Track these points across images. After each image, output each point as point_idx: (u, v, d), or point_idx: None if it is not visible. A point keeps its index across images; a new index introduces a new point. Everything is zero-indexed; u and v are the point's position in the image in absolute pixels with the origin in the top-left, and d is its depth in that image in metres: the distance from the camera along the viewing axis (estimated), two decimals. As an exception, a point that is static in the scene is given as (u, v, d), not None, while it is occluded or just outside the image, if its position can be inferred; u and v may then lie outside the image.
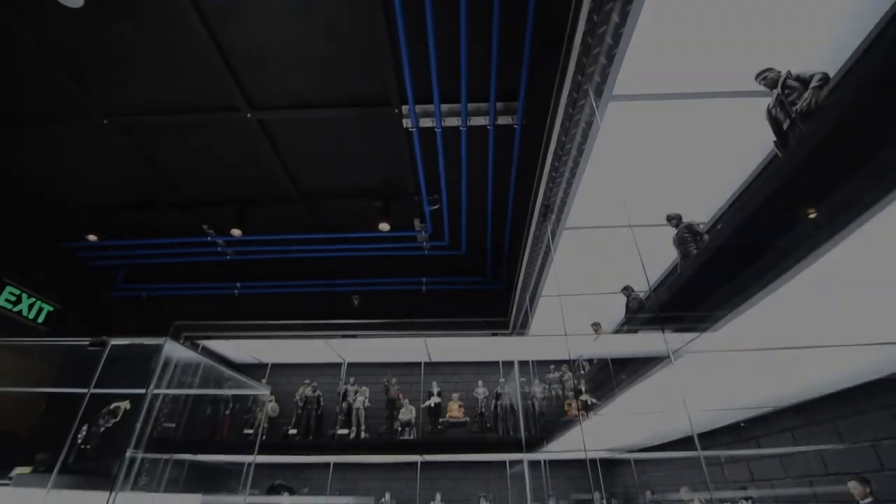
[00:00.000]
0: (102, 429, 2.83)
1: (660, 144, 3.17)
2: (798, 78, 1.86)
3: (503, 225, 6.39)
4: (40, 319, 6.78)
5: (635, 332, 2.32)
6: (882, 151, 1.11)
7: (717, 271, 1.62)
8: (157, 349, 2.46)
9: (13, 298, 6.47)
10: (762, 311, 1.61)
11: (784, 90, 1.87)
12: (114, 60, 4.36)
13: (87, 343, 2.46)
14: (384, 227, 5.87)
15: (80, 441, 2.87)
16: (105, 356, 2.53)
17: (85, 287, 7.54)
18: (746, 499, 3.47)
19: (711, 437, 4.35)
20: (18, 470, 2.57)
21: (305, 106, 4.77)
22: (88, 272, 7.60)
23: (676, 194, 3.53)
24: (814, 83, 1.72)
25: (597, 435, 4.81)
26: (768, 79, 2.04)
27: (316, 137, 5.20)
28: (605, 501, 6.37)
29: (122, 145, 5.29)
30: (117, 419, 2.82)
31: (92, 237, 6.55)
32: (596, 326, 5.20)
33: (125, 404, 2.87)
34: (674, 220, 3.12)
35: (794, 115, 1.76)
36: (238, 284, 7.72)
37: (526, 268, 5.11)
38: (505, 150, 5.14)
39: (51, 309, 7.00)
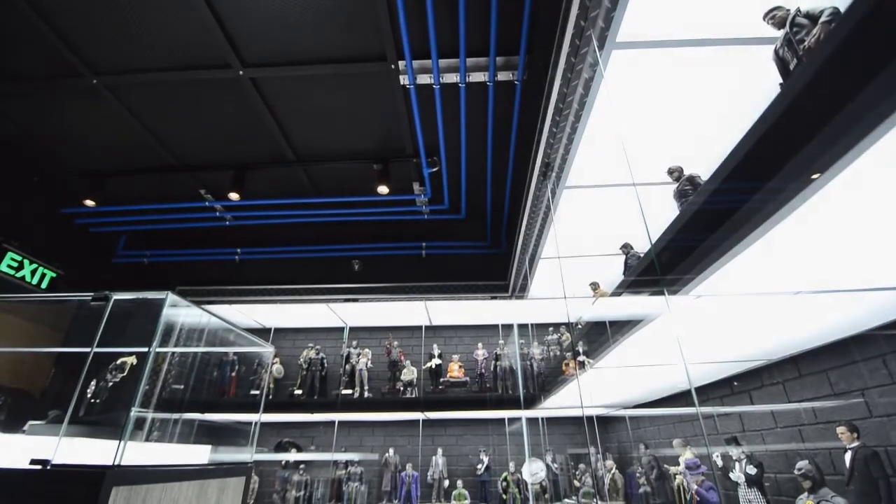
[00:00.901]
0: (111, 384, 2.90)
1: (663, 96, 3.09)
2: (807, 15, 1.78)
3: (503, 187, 6.34)
4: (43, 285, 6.85)
5: (633, 287, 2.34)
6: (881, 80, 1.07)
7: (712, 216, 1.61)
8: (160, 304, 2.49)
9: (15, 265, 6.51)
10: (757, 256, 1.61)
11: (792, 28, 1.80)
12: (101, 16, 4.20)
13: (90, 298, 2.49)
14: (383, 190, 5.82)
15: (89, 395, 2.95)
16: (108, 311, 2.57)
17: (86, 253, 7.57)
18: (741, 457, 3.56)
19: (704, 392, 4.47)
20: (32, 423, 2.65)
21: (299, 63, 4.63)
22: (89, 239, 7.61)
23: (680, 149, 3.47)
24: (823, 18, 1.65)
25: (593, 392, 4.94)
26: (777, 18, 1.95)
27: (311, 97, 5.07)
28: (599, 455, 6.62)
29: (114, 107, 5.17)
30: (124, 374, 2.89)
31: (90, 202, 6.52)
32: (594, 286, 5.25)
33: (132, 359, 2.93)
34: (675, 172, 3.07)
35: (801, 54, 1.70)
36: (238, 250, 7.74)
37: (525, 229, 5.10)
38: (505, 108, 5.02)
39: (53, 275, 7.05)
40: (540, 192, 4.41)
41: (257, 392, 7.19)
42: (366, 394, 7.06)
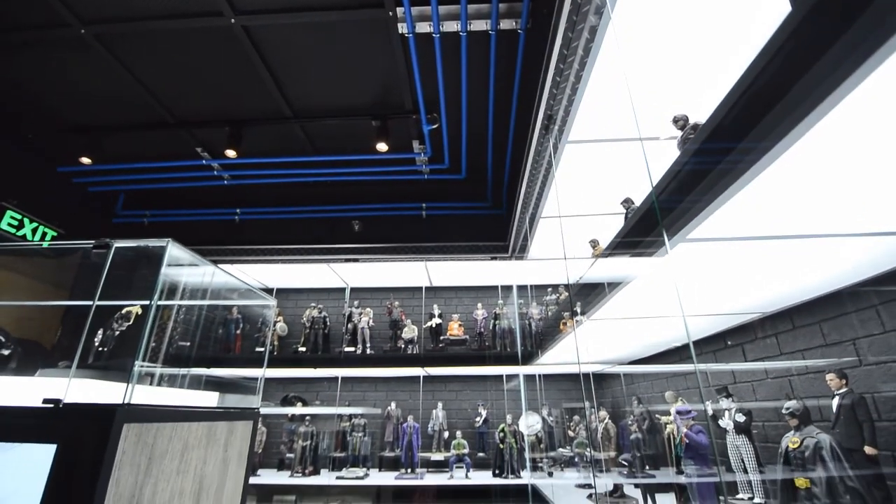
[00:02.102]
0: (117, 332, 2.97)
1: (673, 42, 2.97)
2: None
3: (504, 145, 6.22)
4: (44, 244, 6.88)
5: (632, 233, 2.33)
6: None
7: (710, 155, 1.58)
8: (161, 252, 2.50)
9: (15, 223, 6.51)
10: (756, 195, 1.59)
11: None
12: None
13: (91, 245, 2.50)
14: (382, 147, 5.71)
15: (96, 344, 3.02)
16: (109, 260, 2.58)
17: (86, 213, 7.55)
18: (731, 406, 3.67)
19: (697, 346, 4.55)
20: (43, 370, 2.74)
21: (293, 9, 4.42)
22: (88, 198, 7.56)
23: (688, 98, 3.36)
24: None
25: (589, 347, 5.05)
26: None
27: (306, 46, 4.89)
28: (594, 409, 6.85)
29: (104, 59, 5.00)
30: (130, 322, 2.95)
31: (85, 160, 6.44)
32: (594, 243, 5.25)
33: (137, 308, 2.99)
34: (680, 121, 3.00)
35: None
36: (238, 210, 7.71)
37: (526, 186, 5.05)
38: (507, 60, 4.85)
39: (54, 234, 7.06)
40: (541, 148, 4.33)
41: (262, 349, 7.38)
42: (368, 351, 7.24)
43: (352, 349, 7.29)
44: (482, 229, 7.61)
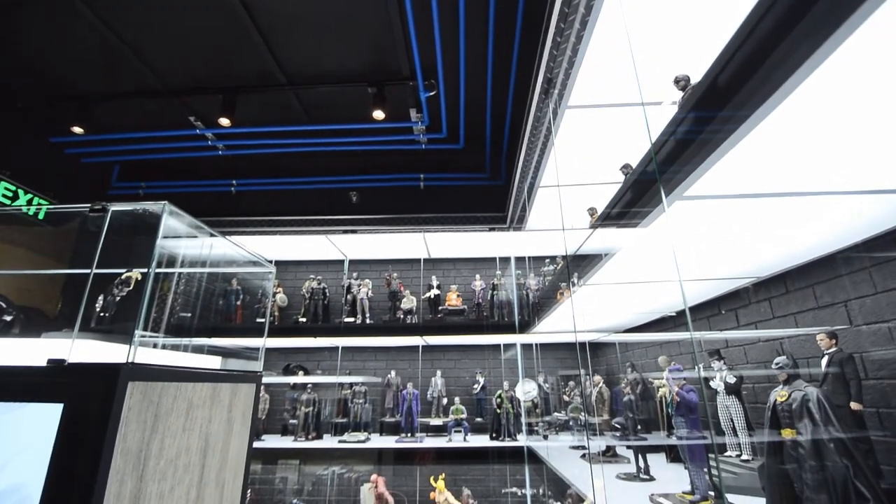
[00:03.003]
0: (118, 298, 2.99)
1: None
2: None
3: (503, 114, 6.12)
4: (40, 216, 6.84)
5: (633, 189, 2.32)
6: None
7: (708, 109, 1.56)
8: (158, 216, 2.49)
9: (10, 194, 6.45)
10: (751, 152, 1.58)
11: None
12: None
13: (88, 208, 2.48)
14: (378, 115, 5.61)
15: (98, 310, 3.05)
16: (107, 224, 2.58)
17: (80, 184, 7.47)
18: (722, 368, 3.74)
19: (692, 313, 4.62)
20: (47, 334, 2.77)
21: (284, -33, 4.26)
22: (82, 170, 7.47)
23: (694, 60, 3.28)
24: None
25: (585, 313, 5.12)
26: None
27: (299, 6, 4.72)
28: (589, 376, 7.01)
29: (91, 21, 4.82)
30: (130, 288, 2.97)
31: (77, 129, 6.32)
32: (592, 211, 5.25)
33: (136, 274, 3.00)
34: (681, 81, 2.95)
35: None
36: (234, 182, 7.64)
37: (525, 154, 4.99)
38: (507, 19, 4.70)
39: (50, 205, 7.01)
40: (541, 114, 4.26)
41: (263, 320, 7.46)
42: (367, 321, 7.33)
43: (351, 320, 7.38)
44: (480, 200, 7.58)
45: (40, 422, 2.06)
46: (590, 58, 3.42)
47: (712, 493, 2.89)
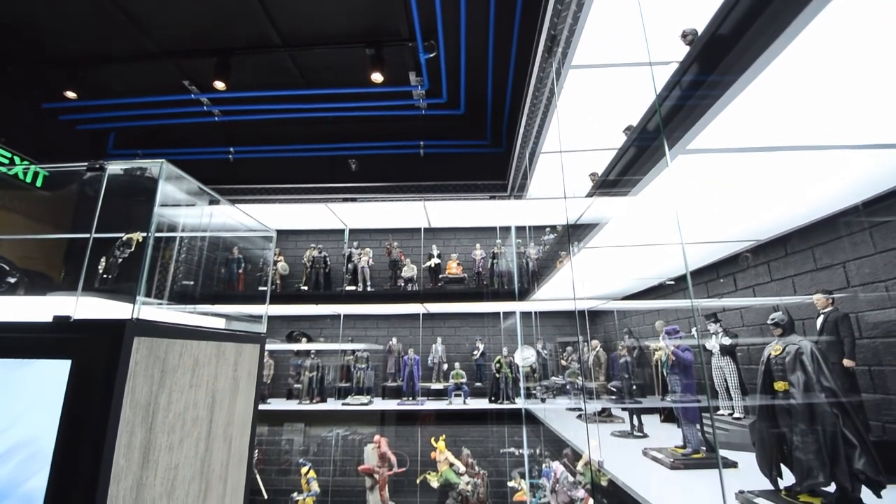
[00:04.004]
0: (120, 259, 3.01)
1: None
2: None
3: (505, 76, 5.96)
4: (38, 183, 6.79)
5: (637, 142, 2.29)
6: None
7: (712, 57, 1.51)
8: (156, 176, 2.47)
9: (6, 161, 6.39)
10: (755, 102, 1.54)
11: None
12: None
13: (85, 167, 2.46)
14: (377, 77, 5.47)
15: (101, 271, 3.07)
16: (105, 184, 2.56)
17: (76, 152, 7.38)
18: (718, 330, 3.79)
19: (691, 278, 4.64)
20: (52, 293, 2.80)
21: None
22: (77, 137, 7.36)
23: (706, 14, 3.17)
24: None
25: (584, 281, 5.16)
26: None
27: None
28: (587, 343, 7.13)
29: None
30: (132, 249, 2.99)
31: (70, 94, 6.19)
32: (594, 176, 5.20)
33: (137, 235, 3.01)
34: (689, 35, 2.85)
35: None
36: (231, 149, 7.54)
37: (527, 117, 4.90)
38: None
39: (46, 174, 6.95)
40: (543, 74, 4.15)
41: (265, 288, 7.53)
42: (368, 289, 7.40)
43: (353, 288, 7.45)
44: (481, 168, 7.50)
45: (50, 377, 2.10)
46: (595, 12, 3.30)
47: (704, 448, 2.99)
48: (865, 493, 1.79)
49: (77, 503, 1.93)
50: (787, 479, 2.07)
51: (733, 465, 2.72)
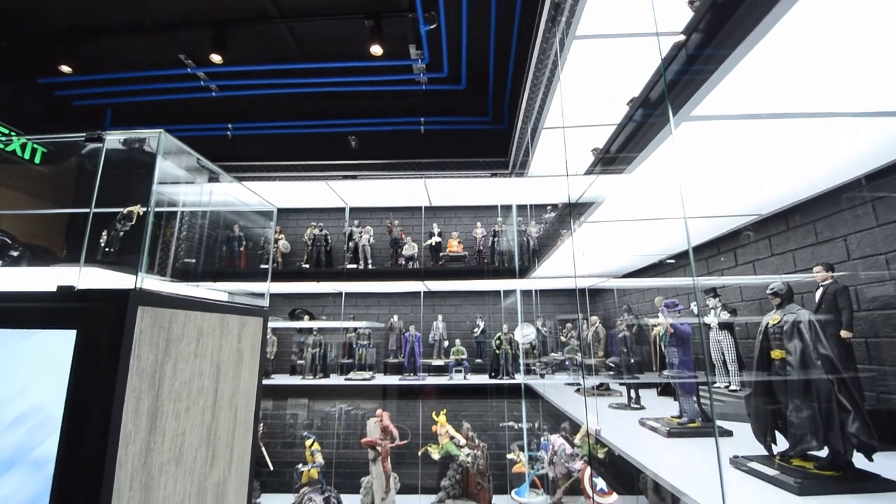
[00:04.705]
0: (121, 233, 3.02)
1: None
2: None
3: (507, 49, 5.84)
4: (37, 160, 6.74)
5: (641, 107, 2.25)
6: None
7: (720, 16, 1.47)
8: (155, 145, 2.45)
9: (3, 137, 6.34)
10: (762, 65, 1.51)
11: None
12: None
13: (83, 137, 2.44)
14: (376, 50, 5.36)
15: (102, 245, 3.08)
16: (103, 155, 2.55)
17: (73, 129, 7.29)
18: (717, 305, 3.81)
19: (688, 255, 4.65)
20: (55, 265, 2.81)
21: None
22: (74, 113, 7.28)
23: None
24: None
25: (585, 256, 5.17)
26: None
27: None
28: (587, 320, 7.19)
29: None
30: (133, 222, 2.99)
31: (65, 68, 6.08)
32: (595, 151, 5.14)
33: (137, 208, 3.01)
34: (695, 2, 2.77)
35: None
36: (230, 125, 7.45)
37: (529, 91, 4.82)
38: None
39: (44, 150, 6.89)
40: (547, 45, 4.06)
41: (266, 266, 7.56)
42: (370, 267, 7.42)
43: (354, 266, 7.47)
44: (482, 145, 7.42)
45: (56, 347, 2.13)
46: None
47: (700, 418, 3.05)
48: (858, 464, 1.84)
49: (87, 467, 1.98)
50: (782, 445, 2.12)
51: (728, 433, 2.78)
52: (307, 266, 7.53)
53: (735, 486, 1.94)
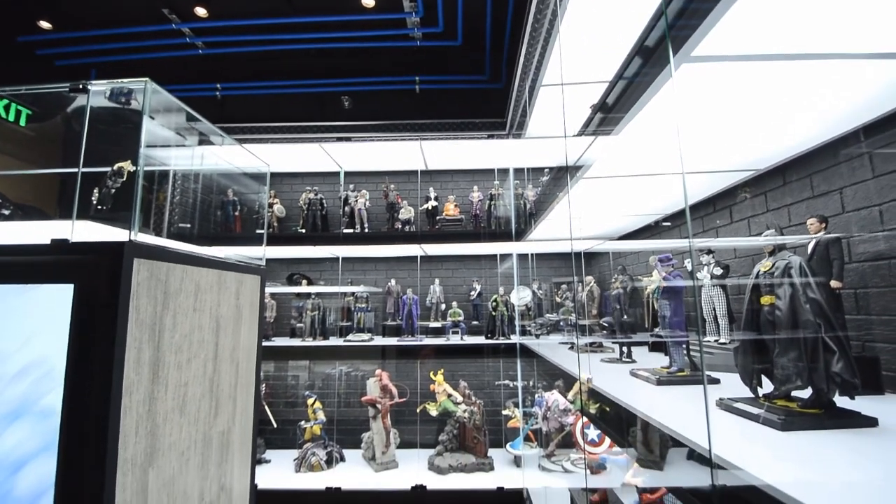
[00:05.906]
0: (113, 190, 2.98)
1: None
2: None
3: (505, 1, 5.60)
4: (22, 122, 6.54)
5: (639, 55, 2.19)
6: None
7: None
8: (142, 95, 2.39)
9: (-17, 98, 6.13)
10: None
11: None
12: None
13: (67, 88, 2.37)
14: (368, 1, 5.14)
15: (94, 202, 3.05)
16: (88, 106, 2.48)
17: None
18: (710, 261, 3.85)
19: (683, 214, 4.65)
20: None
21: None
22: (57, 74, 7.01)
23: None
24: None
25: (581, 218, 5.17)
26: None
27: None
28: (582, 282, 7.27)
29: None
30: (124, 178, 2.95)
31: (45, 24, 5.82)
32: (594, 108, 5.04)
33: (128, 164, 2.96)
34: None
35: None
36: (218, 85, 7.22)
37: (527, 46, 4.66)
38: None
39: (29, 112, 6.67)
40: (546, -5, 3.89)
41: (262, 231, 7.53)
42: (366, 231, 7.41)
43: (350, 230, 7.46)
44: (479, 105, 7.25)
45: (55, 301, 2.14)
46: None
47: (689, 368, 3.15)
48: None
49: (92, 414, 2.03)
50: (768, 389, 2.20)
51: (716, 381, 2.87)
52: (304, 231, 7.50)
53: (721, 426, 2.02)
